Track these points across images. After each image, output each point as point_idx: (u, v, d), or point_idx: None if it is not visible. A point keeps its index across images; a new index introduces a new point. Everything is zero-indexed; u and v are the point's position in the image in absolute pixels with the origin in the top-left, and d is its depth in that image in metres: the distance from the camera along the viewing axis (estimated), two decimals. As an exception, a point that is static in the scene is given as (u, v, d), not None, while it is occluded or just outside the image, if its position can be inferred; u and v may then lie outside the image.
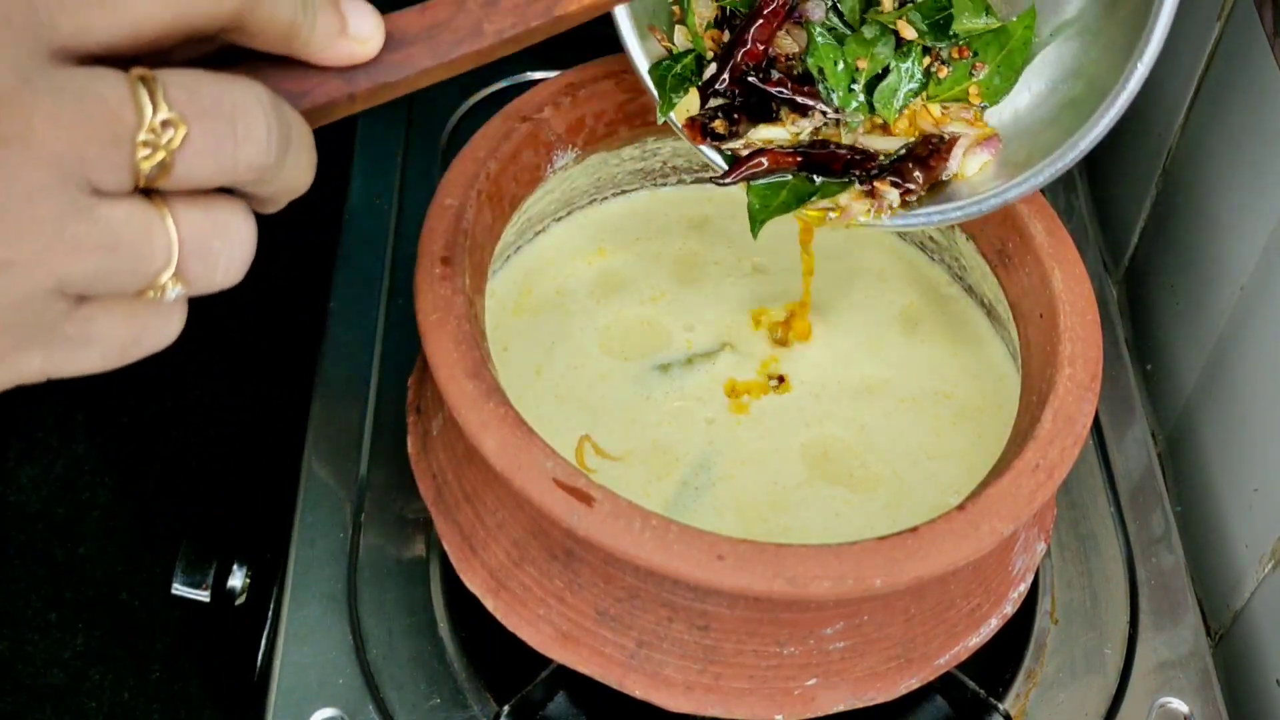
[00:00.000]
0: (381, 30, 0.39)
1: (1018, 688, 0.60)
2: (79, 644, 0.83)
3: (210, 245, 0.35)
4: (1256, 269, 0.67)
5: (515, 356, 0.62)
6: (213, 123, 0.33)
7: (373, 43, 0.39)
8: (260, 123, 0.34)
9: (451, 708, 0.58)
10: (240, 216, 0.36)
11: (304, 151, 0.37)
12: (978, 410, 0.62)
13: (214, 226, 0.35)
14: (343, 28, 0.38)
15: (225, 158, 0.34)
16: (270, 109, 0.35)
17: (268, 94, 0.35)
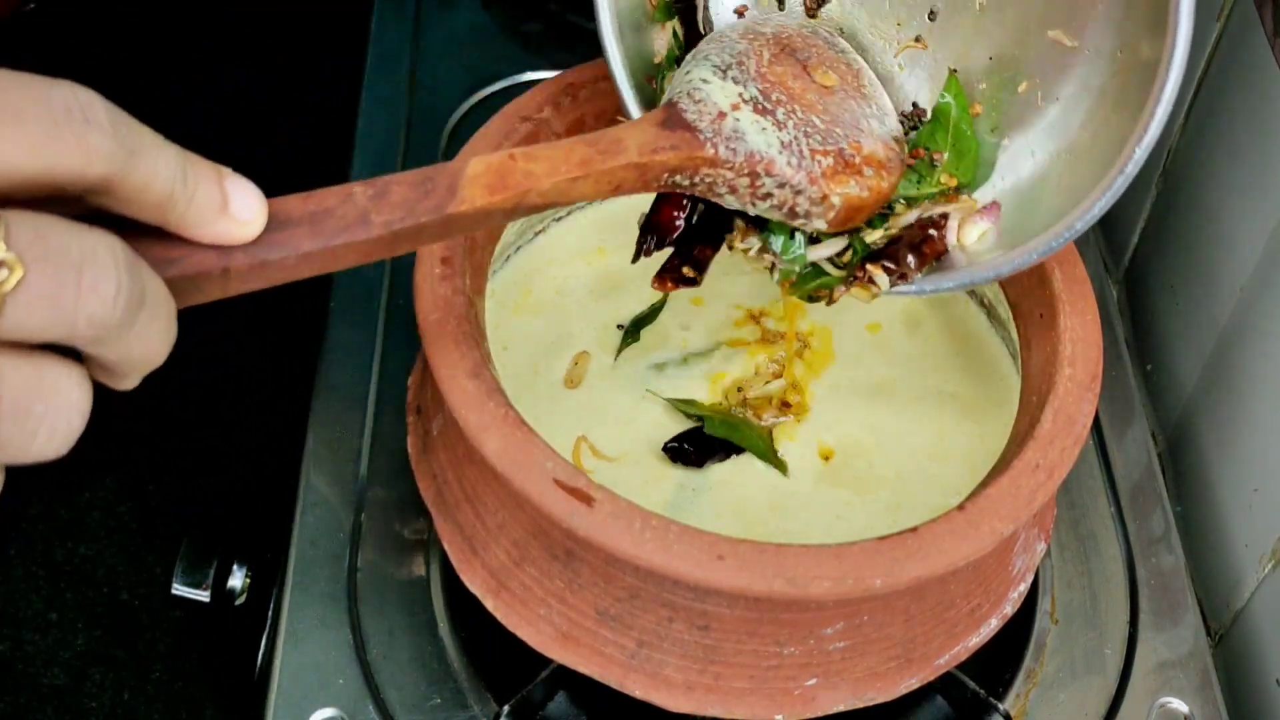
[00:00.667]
0: (264, 213, 0.37)
1: (1018, 688, 0.60)
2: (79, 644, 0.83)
3: (30, 408, 0.31)
4: (1256, 269, 0.67)
5: (515, 356, 0.62)
6: (54, 268, 0.30)
7: (254, 225, 0.36)
8: (110, 276, 0.31)
9: (451, 708, 0.58)
10: (74, 381, 0.32)
11: (160, 319, 0.34)
12: (980, 410, 0.62)
13: (39, 387, 0.31)
14: (224, 205, 0.36)
15: (64, 308, 0.30)
16: (124, 264, 0.32)
17: (124, 249, 0.32)
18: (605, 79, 0.61)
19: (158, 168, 0.33)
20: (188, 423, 0.91)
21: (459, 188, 0.40)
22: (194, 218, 0.35)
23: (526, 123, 0.59)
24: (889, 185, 0.50)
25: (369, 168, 0.80)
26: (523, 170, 0.42)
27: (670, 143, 0.46)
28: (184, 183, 0.34)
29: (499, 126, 0.58)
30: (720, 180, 0.47)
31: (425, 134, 0.82)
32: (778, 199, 0.48)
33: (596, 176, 0.44)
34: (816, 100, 0.51)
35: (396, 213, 0.39)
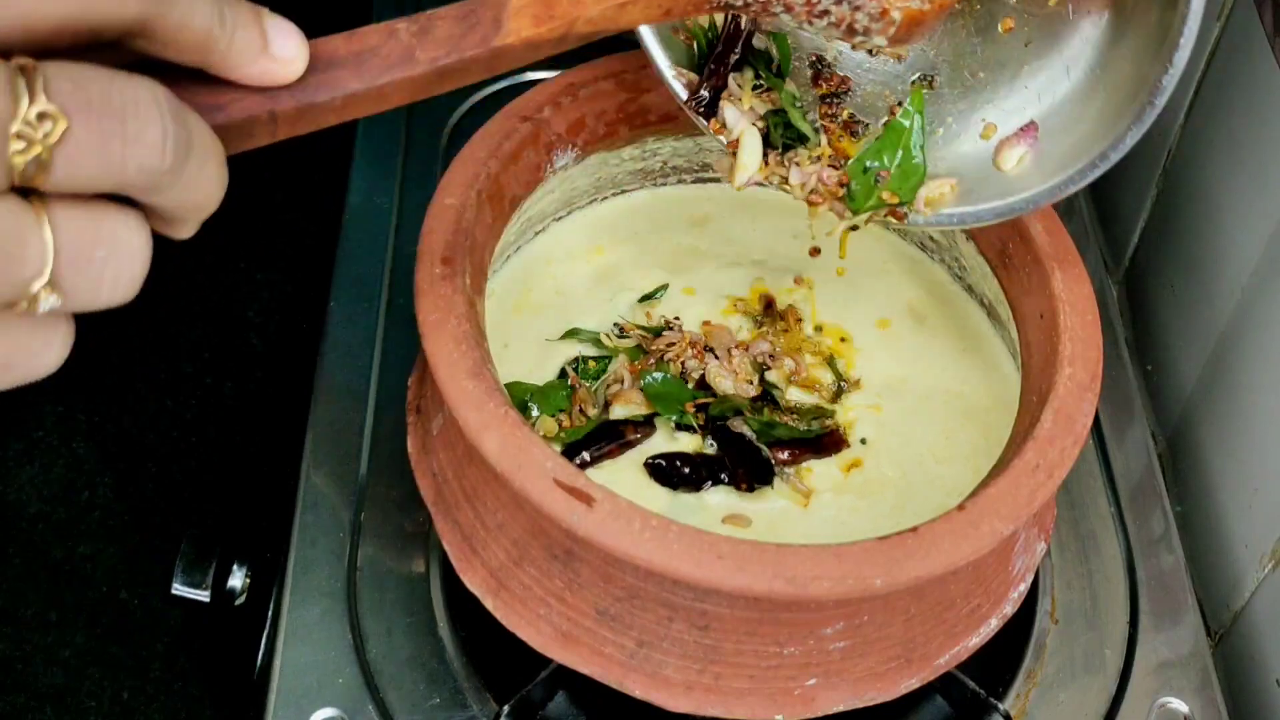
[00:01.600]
0: (306, 52, 0.37)
1: (1018, 688, 0.60)
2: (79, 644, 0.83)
3: (92, 255, 0.32)
4: (1256, 269, 0.67)
5: (515, 356, 0.62)
6: (99, 119, 0.30)
7: (296, 64, 0.36)
8: (155, 123, 0.31)
9: (451, 708, 0.58)
10: (131, 227, 0.32)
11: (210, 163, 0.34)
12: (984, 409, 0.62)
13: (98, 234, 0.32)
14: (264, 45, 0.36)
15: (112, 158, 0.31)
16: (168, 110, 0.32)
17: (167, 95, 0.32)
18: (605, 79, 0.61)
19: (194, 7, 0.33)
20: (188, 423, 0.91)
21: (504, 20, 0.39)
22: (235, 58, 0.35)
23: (526, 123, 0.59)
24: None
25: (369, 168, 0.80)
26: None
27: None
28: (222, 23, 0.34)
29: (499, 126, 0.58)
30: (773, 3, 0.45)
31: (425, 134, 0.82)
32: (835, 15, 0.46)
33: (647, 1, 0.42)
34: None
35: (441, 49, 0.38)
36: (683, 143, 0.66)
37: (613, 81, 0.61)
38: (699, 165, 0.68)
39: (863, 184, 0.55)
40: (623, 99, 0.62)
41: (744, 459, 0.58)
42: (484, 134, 0.58)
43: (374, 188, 0.78)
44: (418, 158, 0.81)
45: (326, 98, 0.37)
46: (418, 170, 0.80)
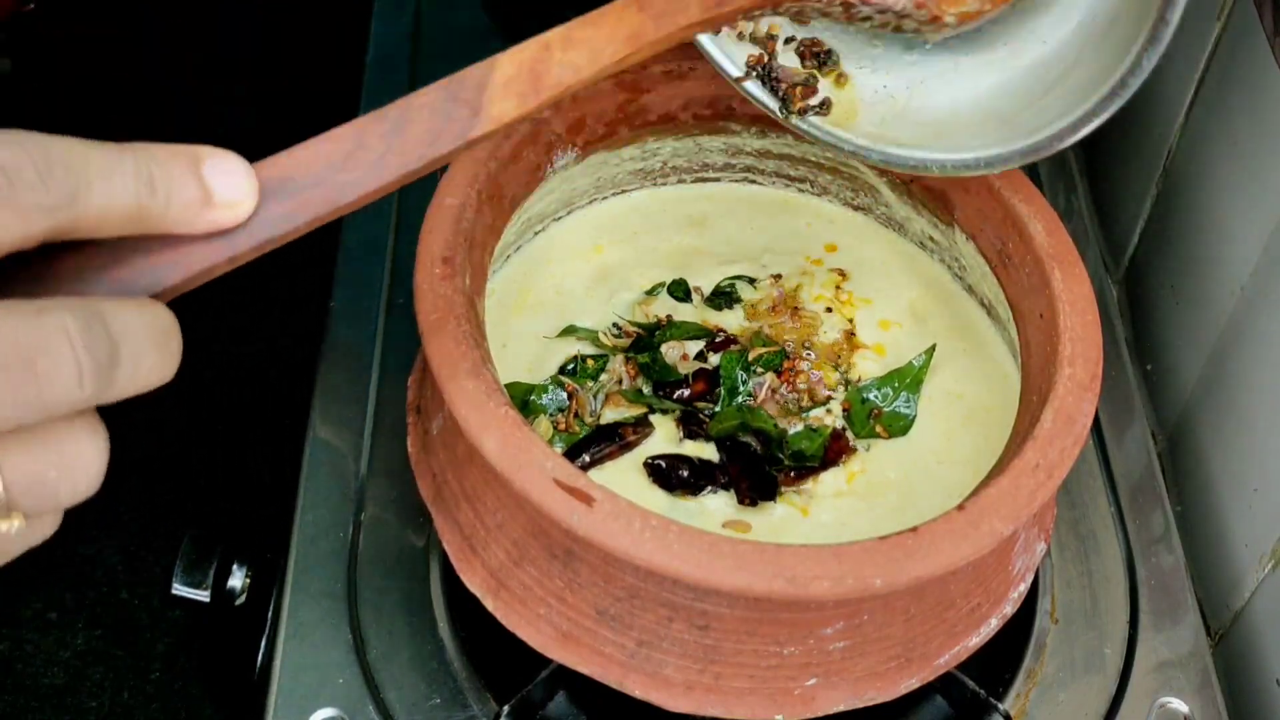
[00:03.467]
0: (254, 189, 0.34)
1: (1018, 688, 0.60)
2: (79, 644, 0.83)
3: (44, 478, 0.31)
4: (1256, 269, 0.67)
5: (514, 355, 0.62)
6: (5, 375, 0.29)
7: (245, 205, 0.34)
8: (66, 359, 0.30)
9: (451, 708, 0.58)
10: (81, 438, 0.32)
11: (147, 356, 0.32)
12: (985, 410, 0.61)
13: (44, 461, 0.31)
14: (206, 198, 0.33)
15: (28, 403, 0.30)
16: (80, 340, 0.30)
17: (77, 320, 0.30)
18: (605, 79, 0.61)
19: (113, 192, 0.31)
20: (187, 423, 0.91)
21: (485, 104, 0.36)
22: (175, 220, 0.33)
23: (526, 122, 0.59)
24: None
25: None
26: (560, 64, 0.37)
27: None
28: (152, 192, 0.32)
29: (499, 126, 0.58)
30: (809, 7, 0.42)
31: (425, 134, 0.82)
32: (878, 20, 0.44)
33: (650, 47, 0.38)
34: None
35: (414, 152, 0.35)
36: (683, 143, 0.66)
37: (613, 81, 0.61)
38: (699, 165, 0.68)
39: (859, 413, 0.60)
40: (623, 99, 0.62)
41: (748, 473, 0.58)
42: (484, 134, 0.58)
43: (374, 188, 0.78)
44: (418, 158, 0.80)
45: (289, 228, 0.34)
46: (418, 170, 0.80)
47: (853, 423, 0.60)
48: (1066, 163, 0.85)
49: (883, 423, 0.60)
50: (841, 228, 0.69)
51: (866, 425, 0.60)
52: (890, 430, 0.60)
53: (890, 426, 0.60)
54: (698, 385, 0.61)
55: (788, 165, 0.68)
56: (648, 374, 0.61)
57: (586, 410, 0.60)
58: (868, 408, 0.61)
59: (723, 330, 0.63)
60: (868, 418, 0.61)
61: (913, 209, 0.66)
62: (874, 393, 0.61)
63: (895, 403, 0.61)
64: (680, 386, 0.61)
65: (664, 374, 0.61)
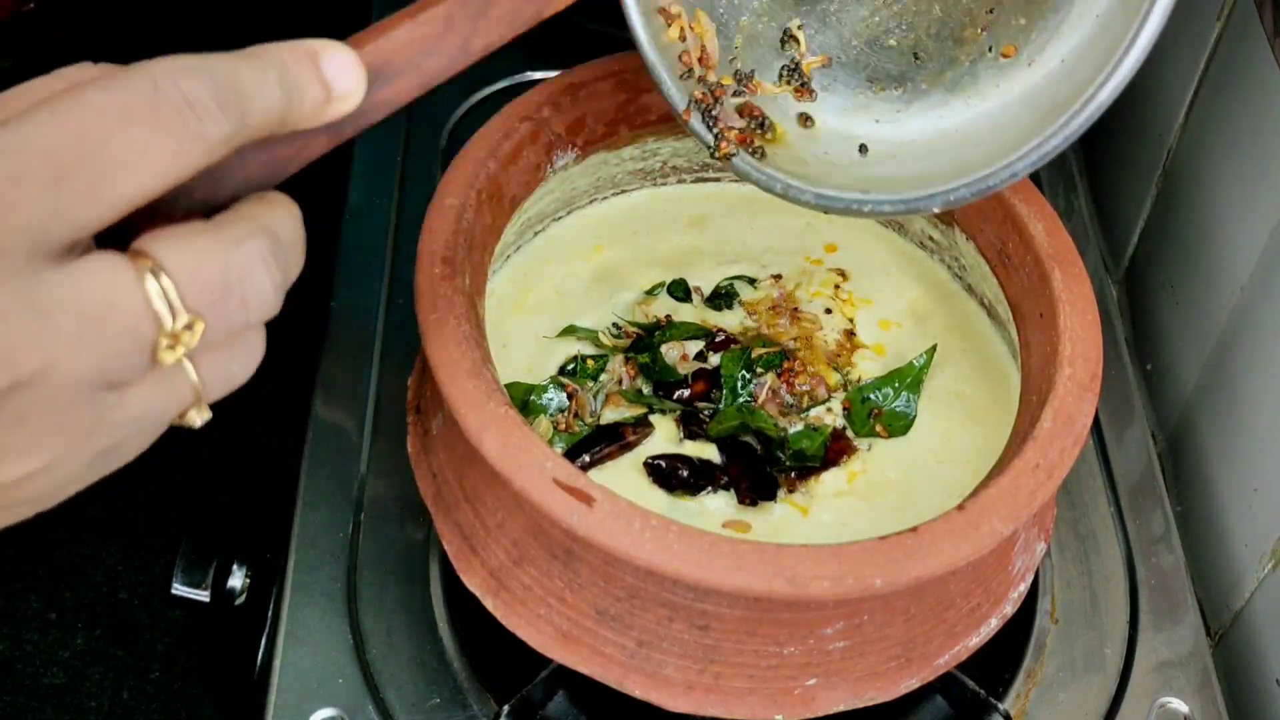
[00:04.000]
0: (364, 78, 0.38)
1: (1018, 688, 0.60)
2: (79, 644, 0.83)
3: (231, 374, 0.36)
4: (1256, 269, 0.67)
5: (514, 355, 0.62)
6: (224, 306, 0.34)
7: (356, 96, 0.38)
8: (267, 284, 0.35)
9: (451, 708, 0.58)
10: (254, 336, 0.37)
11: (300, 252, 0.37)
12: (985, 410, 0.61)
13: (234, 360, 0.36)
14: (328, 95, 0.38)
15: (241, 323, 0.35)
16: (273, 262, 0.35)
17: (267, 243, 0.35)
18: (605, 79, 0.61)
19: (269, 107, 0.35)
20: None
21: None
22: (304, 119, 0.37)
23: (526, 122, 0.59)
24: None
25: (369, 168, 0.80)
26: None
27: None
28: (289, 98, 0.36)
29: (499, 126, 0.58)
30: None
31: (425, 134, 0.82)
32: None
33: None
34: None
35: (496, 32, 0.38)
36: (683, 143, 0.66)
37: (613, 81, 0.61)
38: (699, 165, 0.68)
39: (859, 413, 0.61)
40: (623, 99, 0.62)
41: (749, 473, 0.58)
42: (484, 134, 0.58)
43: (374, 188, 0.78)
44: (418, 158, 0.80)
45: (387, 112, 0.38)
46: (418, 170, 0.80)
47: (853, 421, 0.61)
48: (1066, 163, 0.85)
49: (883, 422, 0.60)
50: (841, 228, 0.69)
51: (867, 424, 0.60)
52: (890, 430, 0.60)
53: (890, 426, 0.60)
54: (698, 385, 0.61)
55: (788, 165, 0.68)
56: (648, 374, 0.61)
57: (586, 410, 0.60)
58: (868, 407, 0.61)
59: (723, 330, 0.63)
60: (868, 417, 0.61)
61: (913, 209, 0.66)
62: (875, 393, 0.61)
63: (896, 402, 0.61)
64: (680, 386, 0.61)
65: (664, 374, 0.61)
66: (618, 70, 0.61)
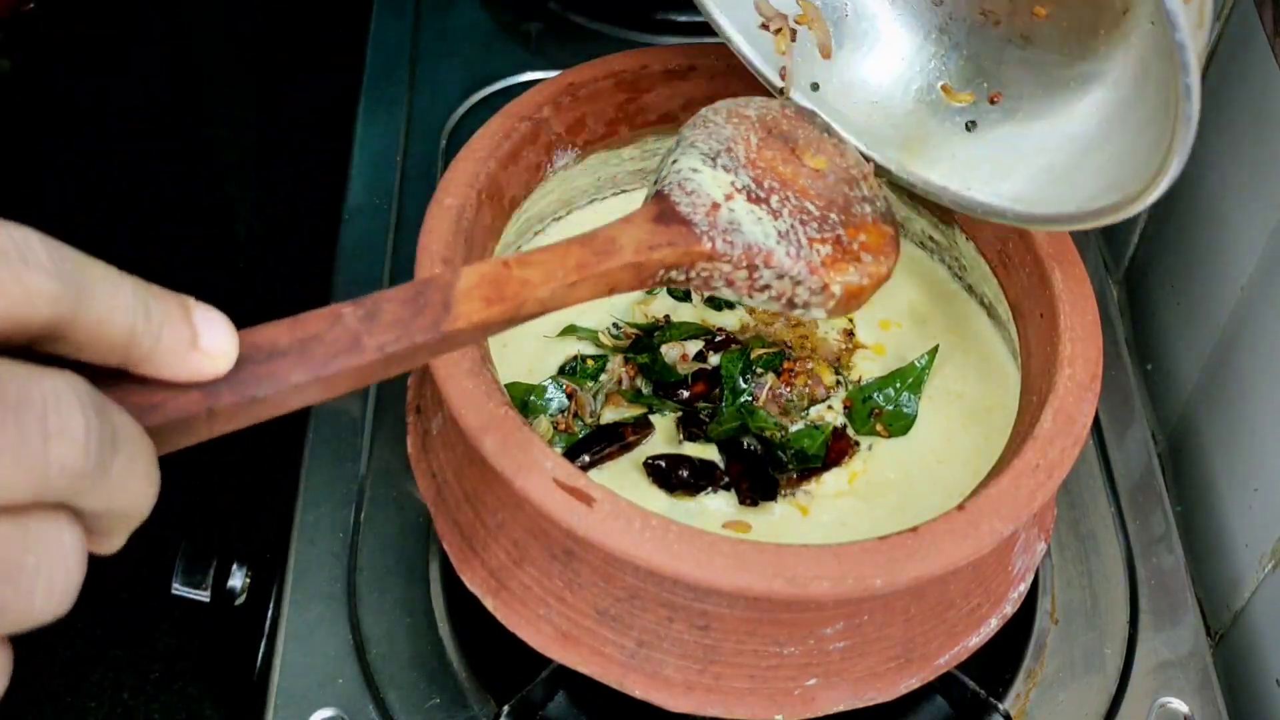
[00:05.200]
0: (236, 344, 0.34)
1: (1018, 688, 0.60)
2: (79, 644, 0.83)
3: (22, 563, 0.28)
4: (1256, 269, 0.67)
5: (514, 355, 0.62)
6: (14, 415, 0.27)
7: (226, 358, 0.34)
8: (76, 417, 0.28)
9: (451, 708, 0.58)
10: (64, 530, 0.29)
11: (139, 462, 0.31)
12: (985, 410, 0.61)
13: (25, 541, 0.28)
14: (193, 340, 0.33)
15: (31, 458, 0.27)
16: (90, 403, 0.29)
17: (89, 388, 0.29)
18: (605, 79, 0.61)
19: (114, 305, 0.31)
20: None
21: (453, 302, 0.38)
22: (162, 356, 0.32)
23: (526, 122, 0.59)
24: (887, 269, 0.50)
25: (369, 167, 0.80)
26: (518, 279, 0.40)
27: (666, 239, 0.45)
28: (147, 319, 0.31)
29: (499, 126, 0.58)
30: (717, 274, 0.47)
31: (425, 134, 0.82)
32: (776, 290, 0.47)
33: (593, 279, 0.43)
34: (809, 185, 0.50)
35: (390, 334, 0.37)
36: (683, 143, 0.66)
37: (613, 81, 0.61)
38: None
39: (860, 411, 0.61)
40: (622, 99, 0.62)
41: (749, 473, 0.58)
42: (484, 134, 0.58)
43: (374, 188, 0.79)
44: (418, 158, 0.81)
45: (269, 390, 0.35)
46: (418, 170, 0.80)
47: (854, 420, 0.61)
48: (1066, 163, 0.85)
49: (883, 422, 0.60)
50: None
51: (867, 423, 0.60)
52: (890, 429, 0.60)
53: (891, 426, 0.60)
54: (698, 386, 0.61)
55: (788, 165, 0.68)
56: (647, 374, 0.61)
57: (586, 410, 0.60)
58: (869, 406, 0.61)
59: (723, 330, 0.63)
60: (869, 416, 0.61)
61: (913, 209, 0.66)
62: (876, 393, 0.61)
63: (897, 403, 0.61)
64: (680, 386, 0.61)
65: (664, 374, 0.61)
66: (618, 70, 0.61)
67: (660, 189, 0.48)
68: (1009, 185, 0.53)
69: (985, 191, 0.54)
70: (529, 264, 0.41)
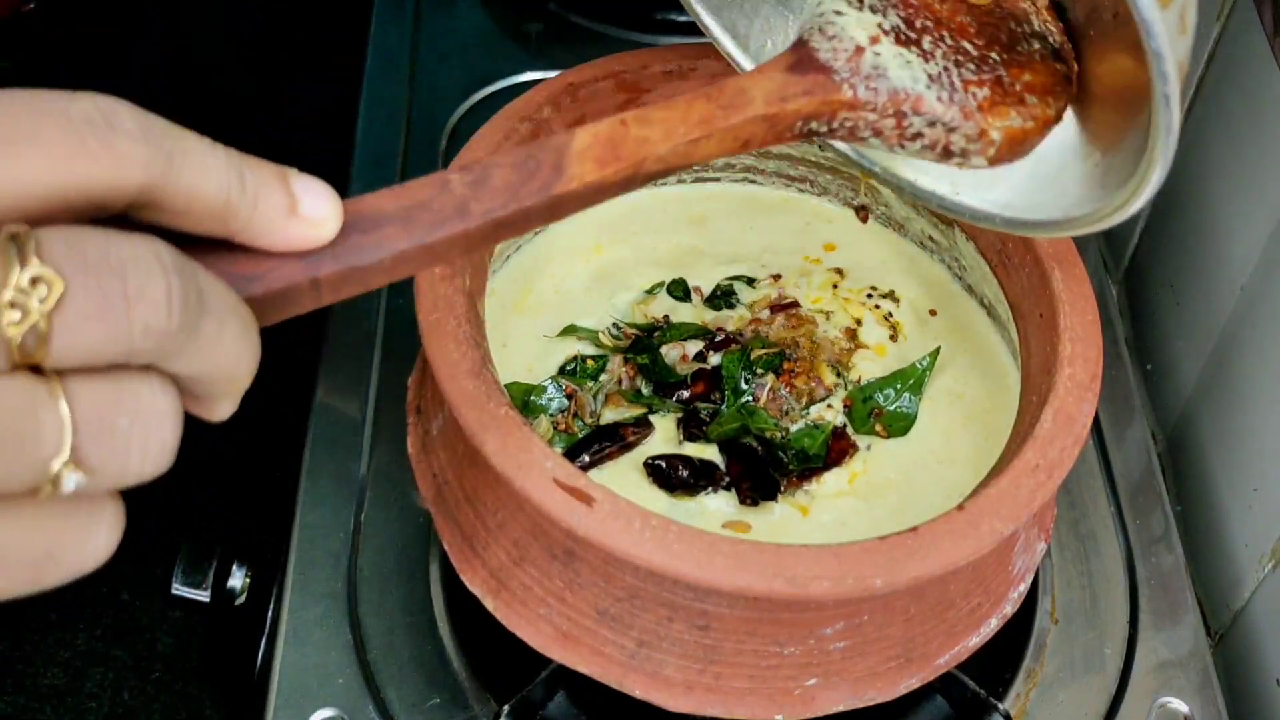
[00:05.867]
0: (339, 211, 0.34)
1: (1018, 688, 0.60)
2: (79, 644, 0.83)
3: (115, 423, 0.28)
4: (1256, 269, 0.67)
5: (514, 355, 0.62)
6: (96, 278, 0.27)
7: (329, 225, 0.33)
8: (158, 278, 0.28)
9: (451, 708, 0.58)
10: (156, 389, 0.29)
11: (230, 325, 0.31)
12: (985, 410, 0.61)
13: (119, 402, 0.29)
14: (291, 207, 0.32)
15: (115, 320, 0.28)
16: (171, 265, 0.29)
17: (170, 251, 0.29)
18: (605, 79, 0.61)
19: (206, 172, 0.31)
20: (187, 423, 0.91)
21: (566, 164, 0.37)
22: (260, 224, 0.32)
23: (526, 122, 0.59)
24: (1055, 111, 0.46)
25: (369, 167, 0.80)
26: (636, 137, 0.38)
27: (802, 88, 0.42)
28: (242, 188, 0.31)
29: (499, 126, 0.58)
30: (862, 123, 0.44)
31: (425, 134, 0.82)
32: (929, 138, 0.44)
33: (720, 135, 0.40)
34: (969, 22, 0.46)
35: (498, 199, 0.35)
36: (683, 143, 0.66)
37: (613, 81, 0.61)
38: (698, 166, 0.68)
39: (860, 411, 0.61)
40: (623, 99, 0.62)
41: (750, 473, 0.58)
42: (484, 134, 0.58)
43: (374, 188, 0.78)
44: (418, 158, 0.81)
45: (374, 259, 0.34)
46: (418, 170, 0.80)
47: (853, 418, 0.61)
48: (1066, 163, 0.85)
49: (883, 422, 0.60)
50: (841, 228, 0.69)
51: (867, 422, 0.60)
52: (890, 430, 0.60)
53: (890, 426, 0.60)
54: (697, 386, 0.61)
55: (787, 165, 0.68)
56: (647, 375, 0.61)
57: (586, 410, 0.60)
58: (869, 406, 0.61)
59: (722, 330, 0.63)
60: (868, 416, 0.61)
61: (913, 209, 0.66)
62: (877, 393, 0.61)
63: (897, 403, 0.61)
64: (680, 387, 0.61)
65: (664, 374, 0.61)
66: (618, 70, 0.61)
67: (800, 35, 0.45)
68: (997, 192, 0.53)
69: (974, 198, 0.54)
70: (648, 121, 0.39)
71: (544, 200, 0.36)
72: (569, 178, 0.37)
